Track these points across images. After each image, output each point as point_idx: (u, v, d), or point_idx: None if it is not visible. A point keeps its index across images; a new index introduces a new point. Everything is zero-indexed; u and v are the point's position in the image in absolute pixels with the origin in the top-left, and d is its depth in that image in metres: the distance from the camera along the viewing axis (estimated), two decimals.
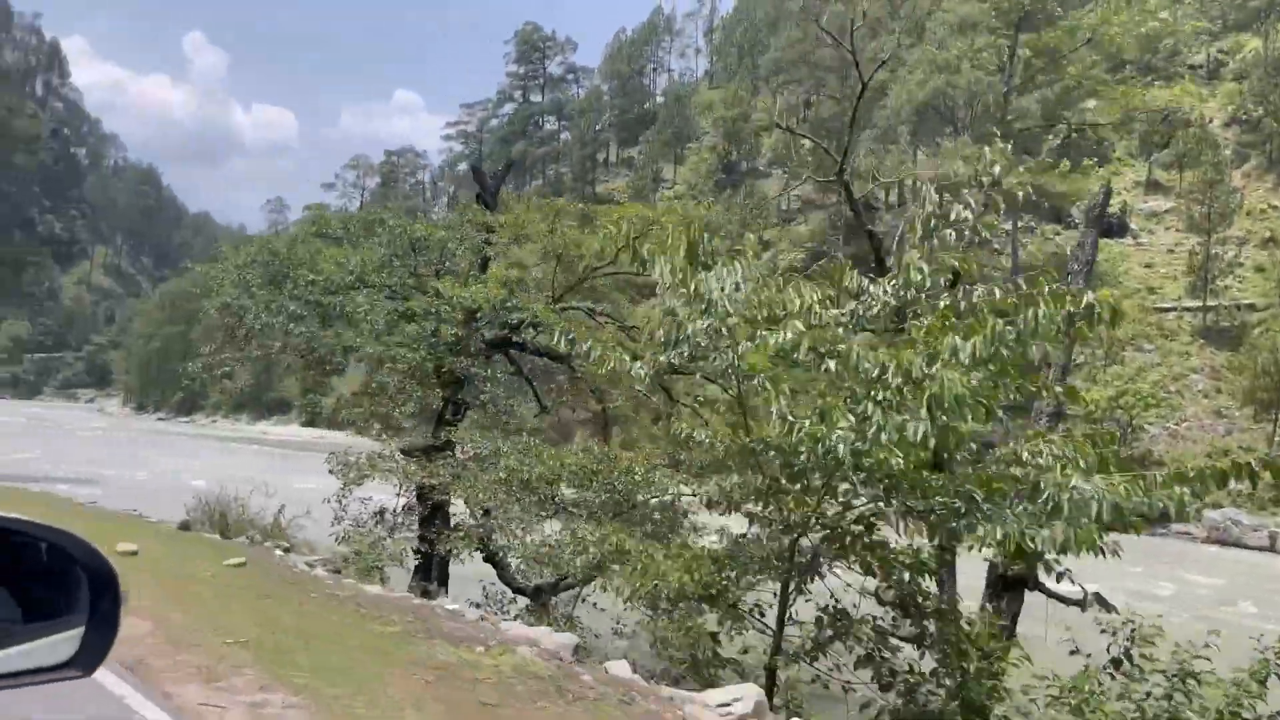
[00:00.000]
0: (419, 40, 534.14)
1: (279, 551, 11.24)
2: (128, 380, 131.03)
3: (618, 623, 10.78)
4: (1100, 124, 55.87)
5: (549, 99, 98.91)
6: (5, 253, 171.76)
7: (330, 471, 13.63)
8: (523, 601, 13.18)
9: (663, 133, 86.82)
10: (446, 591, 13.35)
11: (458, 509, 14.72)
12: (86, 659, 1.40)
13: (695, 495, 11.18)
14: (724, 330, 6.02)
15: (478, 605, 11.06)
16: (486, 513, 13.81)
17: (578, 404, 16.71)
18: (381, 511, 13.98)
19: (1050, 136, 59.21)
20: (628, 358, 6.88)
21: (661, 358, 6.53)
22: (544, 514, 11.31)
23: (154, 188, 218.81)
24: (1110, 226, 49.90)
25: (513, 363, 16.97)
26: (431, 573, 14.09)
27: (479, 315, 14.84)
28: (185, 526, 12.94)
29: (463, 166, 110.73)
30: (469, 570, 13.68)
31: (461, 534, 12.05)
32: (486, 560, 13.40)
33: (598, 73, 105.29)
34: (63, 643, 1.40)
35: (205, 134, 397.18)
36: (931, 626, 6.98)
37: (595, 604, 11.63)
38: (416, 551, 13.71)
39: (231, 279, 15.00)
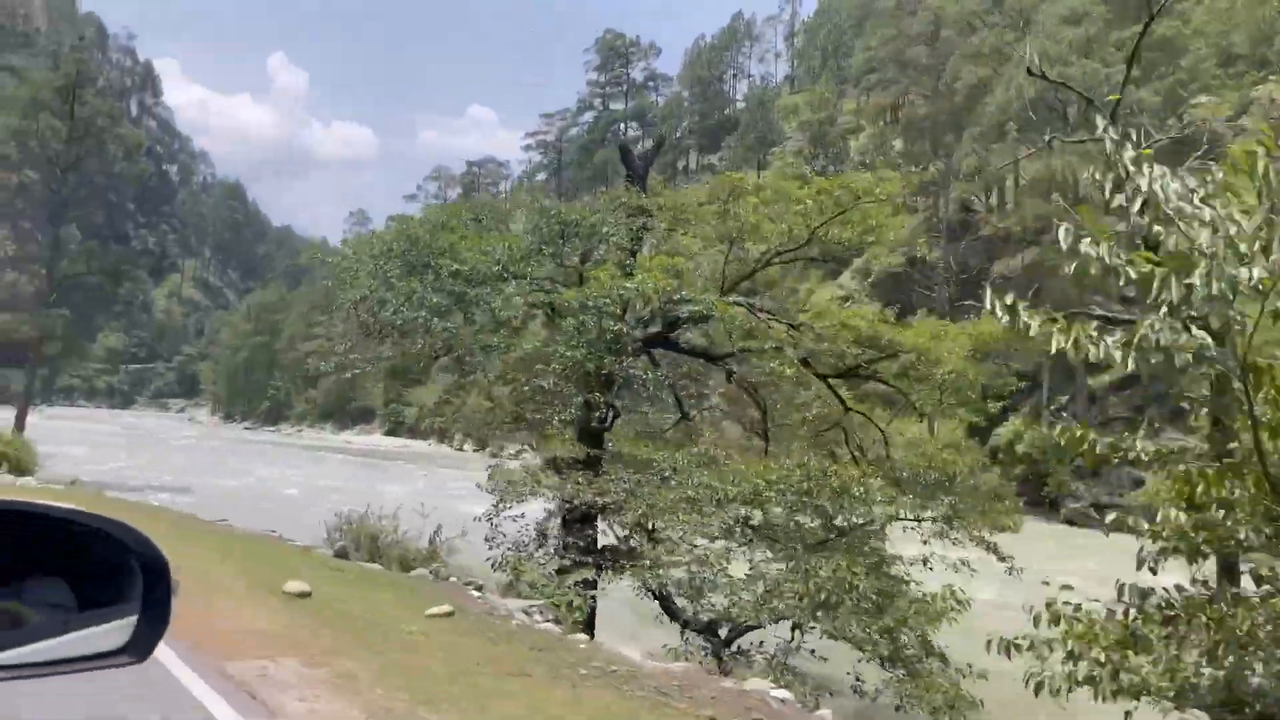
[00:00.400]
0: (493, 57, 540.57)
1: (473, 591, 9.67)
2: (216, 390, 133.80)
3: (857, 679, 8.86)
4: (1213, 120, 52.41)
5: (631, 106, 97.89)
6: (105, 265, 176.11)
7: (489, 490, 12.11)
8: (693, 639, 11.49)
9: (745, 138, 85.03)
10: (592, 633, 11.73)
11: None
12: (139, 647, 1.43)
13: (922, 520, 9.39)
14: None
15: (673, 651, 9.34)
16: (650, 534, 12.21)
17: (735, 411, 14.95)
18: (543, 534, 12.41)
19: (1161, 134, 55.83)
20: None
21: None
22: (742, 540, 9.61)
23: (240, 203, 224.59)
24: None
25: (655, 363, 15.34)
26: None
27: (629, 310, 13.22)
28: (342, 554, 11.54)
29: (541, 176, 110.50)
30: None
31: (647, 563, 10.34)
32: (649, 590, 11.76)
33: (677, 79, 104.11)
34: (117, 630, 1.43)
35: (286, 151, 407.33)
36: None
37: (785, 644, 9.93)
38: (581, 582, 12.16)
39: (368, 269, 13.65)
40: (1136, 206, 3.86)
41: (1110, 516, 4.86)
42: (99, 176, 44.86)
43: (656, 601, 12.04)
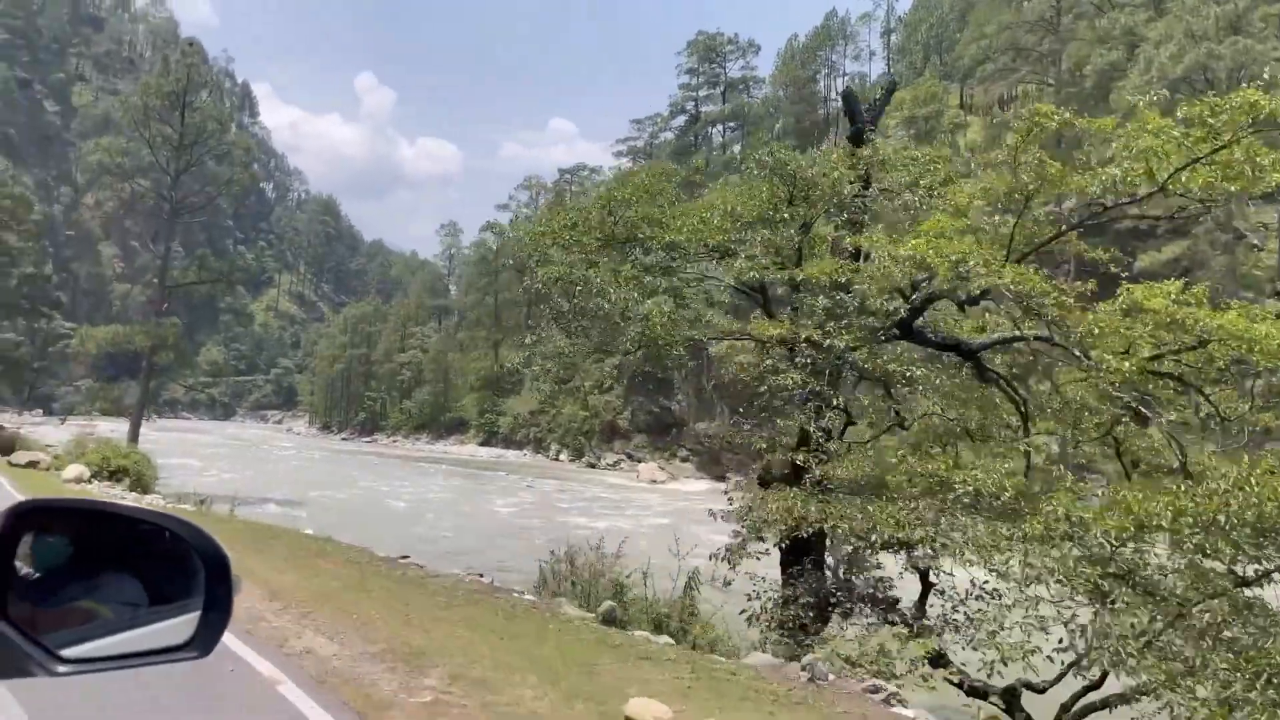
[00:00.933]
0: (573, 70, 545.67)
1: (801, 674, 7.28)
2: (312, 401, 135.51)
3: None
4: None
5: (726, 108, 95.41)
6: (214, 274, 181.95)
7: (739, 522, 9.85)
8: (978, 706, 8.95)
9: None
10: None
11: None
12: (204, 641, 1.49)
13: None
14: None
15: None
16: (924, 576, 9.73)
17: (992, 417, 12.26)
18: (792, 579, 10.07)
19: None
20: None
21: None
22: (1095, 590, 7.02)
23: (334, 218, 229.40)
24: None
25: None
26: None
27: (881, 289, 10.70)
28: (610, 619, 9.30)
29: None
30: None
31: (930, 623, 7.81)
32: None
33: (769, 80, 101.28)
34: (182, 625, 1.49)
35: (373, 168, 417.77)
36: None
37: None
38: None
39: (561, 242, 11.48)
40: None
41: None
42: (205, 188, 44.44)
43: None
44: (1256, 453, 8.60)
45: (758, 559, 10.76)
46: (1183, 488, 6.67)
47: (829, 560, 11.05)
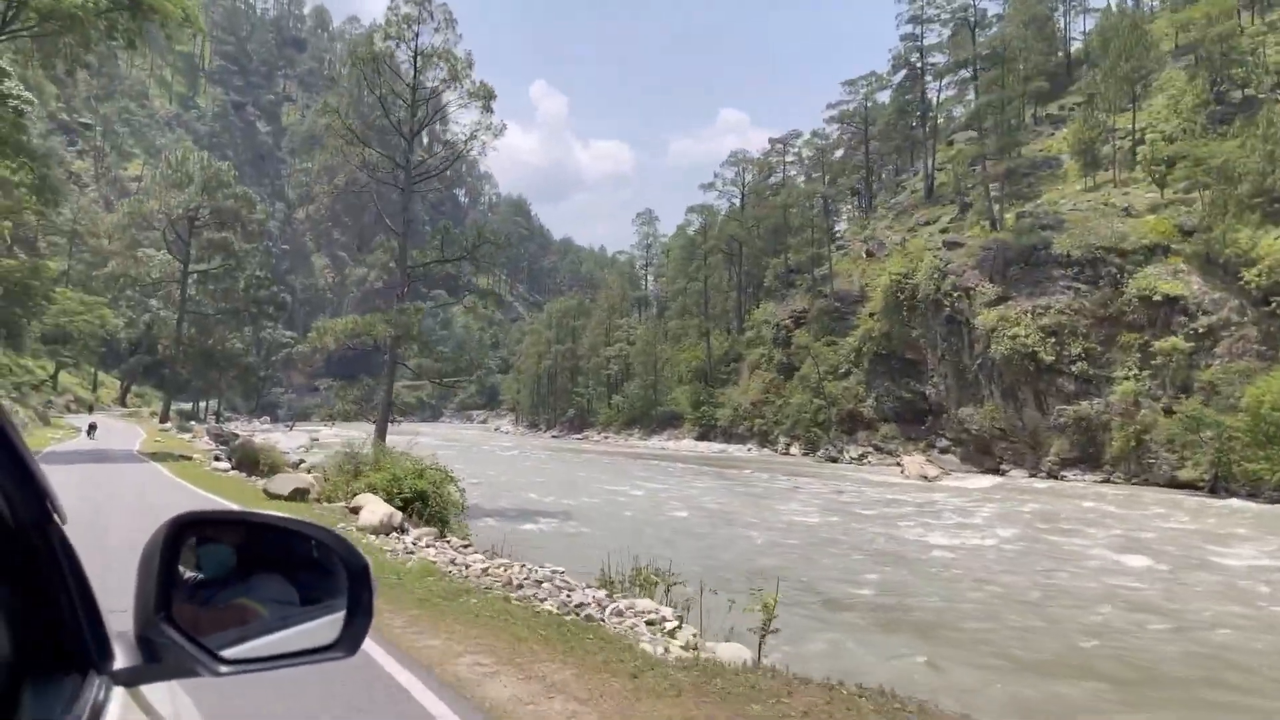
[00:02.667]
0: (742, 60, 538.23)
1: None
2: (518, 399, 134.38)
3: None
4: None
5: (947, 61, 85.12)
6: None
7: None
8: None
9: (1114, 70, 69.99)
10: None
11: None
12: (348, 642, 1.58)
13: None
14: None
15: None
16: None
17: None
18: None
19: None
20: None
21: None
22: None
23: (525, 218, 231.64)
24: None
25: None
26: None
27: None
28: None
29: (839, 154, 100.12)
30: None
31: None
32: None
33: (1002, 19, 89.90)
34: (328, 626, 1.58)
35: (551, 172, 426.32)
36: None
37: None
38: None
39: None
40: None
41: None
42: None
43: None
44: None
45: None
46: None
47: None
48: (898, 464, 59.73)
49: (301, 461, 29.95)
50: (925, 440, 60.79)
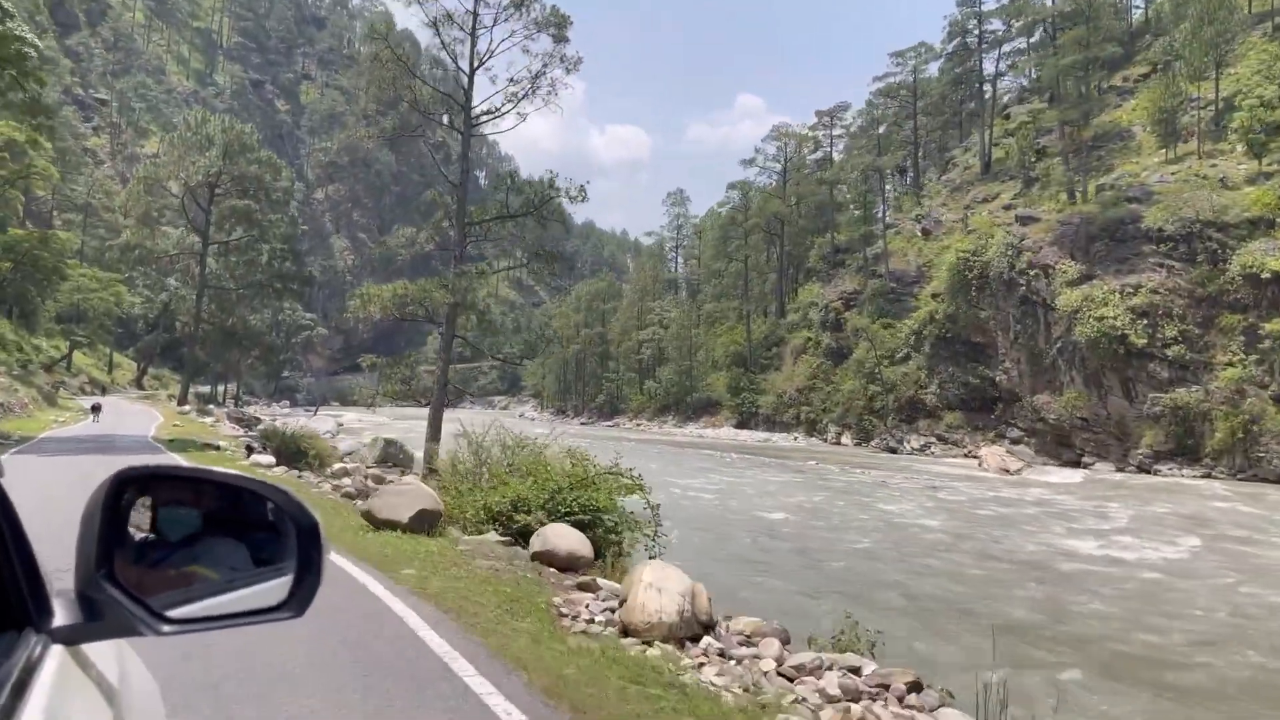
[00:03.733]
0: (757, 44, 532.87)
1: None
2: (544, 384, 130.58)
3: None
4: None
5: (1024, 22, 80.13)
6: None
7: None
8: None
9: (1195, 34, 65.16)
10: None
11: None
12: (298, 602, 1.54)
13: None
14: None
15: None
16: None
17: None
18: None
19: None
20: None
21: None
22: None
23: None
24: None
25: None
26: None
27: None
28: None
29: (881, 129, 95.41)
30: None
31: None
32: None
33: None
34: (278, 587, 1.54)
35: (567, 158, 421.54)
36: None
37: None
38: None
39: None
40: None
41: None
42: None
43: None
44: None
45: None
46: None
47: None
48: (967, 455, 55.65)
49: (350, 453, 26.11)
50: (994, 430, 56.62)
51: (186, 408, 45.76)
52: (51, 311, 67.41)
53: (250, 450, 22.23)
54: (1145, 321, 47.44)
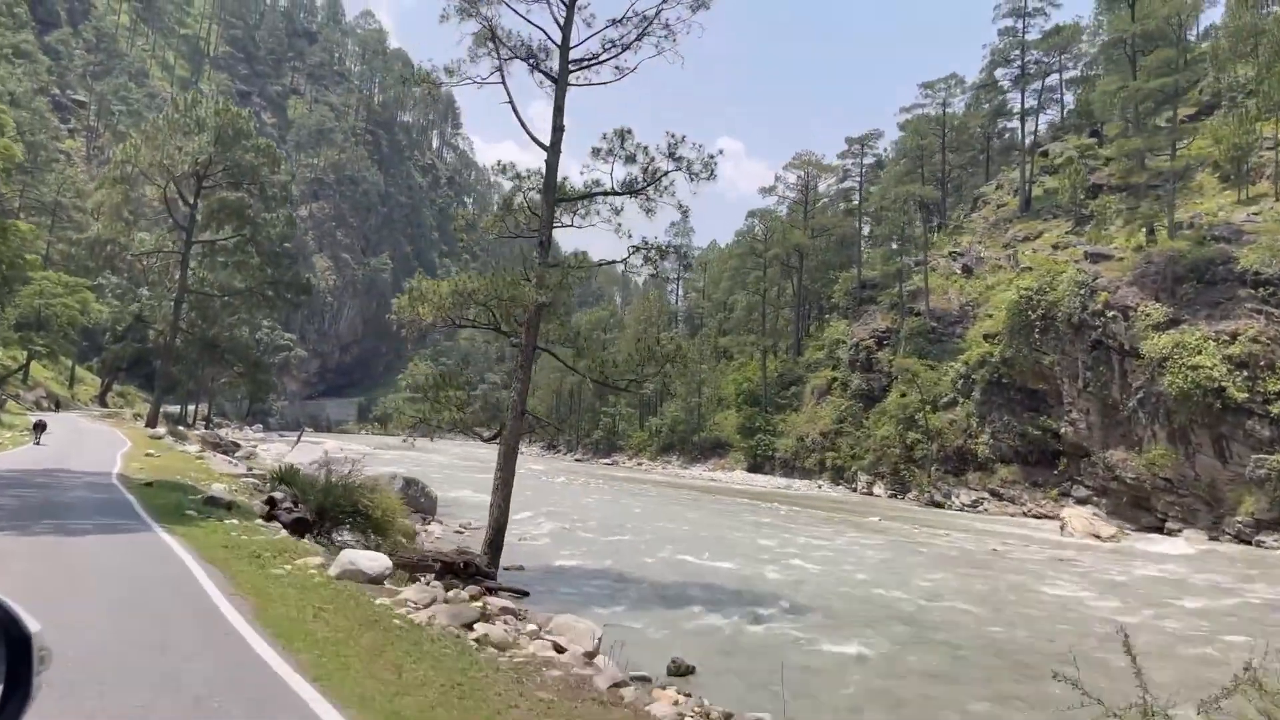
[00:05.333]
0: (735, 95, 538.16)
1: None
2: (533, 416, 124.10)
3: None
4: None
5: (1063, 59, 76.27)
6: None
7: None
8: None
9: (1271, 69, 60.99)
10: None
11: None
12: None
13: None
14: None
15: None
16: None
17: None
18: None
19: None
20: None
21: None
22: None
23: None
24: None
25: None
26: None
27: None
28: None
29: (900, 164, 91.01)
30: None
31: None
32: None
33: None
34: None
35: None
36: None
37: None
38: None
39: None
40: None
41: None
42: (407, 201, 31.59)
43: None
44: None
45: None
46: None
47: None
48: (1026, 513, 50.27)
49: (462, 529, 19.66)
50: (1057, 487, 51.28)
51: (161, 430, 39.28)
52: (10, 318, 60.64)
53: (272, 506, 15.55)
54: (1244, 373, 42.43)
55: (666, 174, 20.21)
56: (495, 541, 18.67)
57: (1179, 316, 45.86)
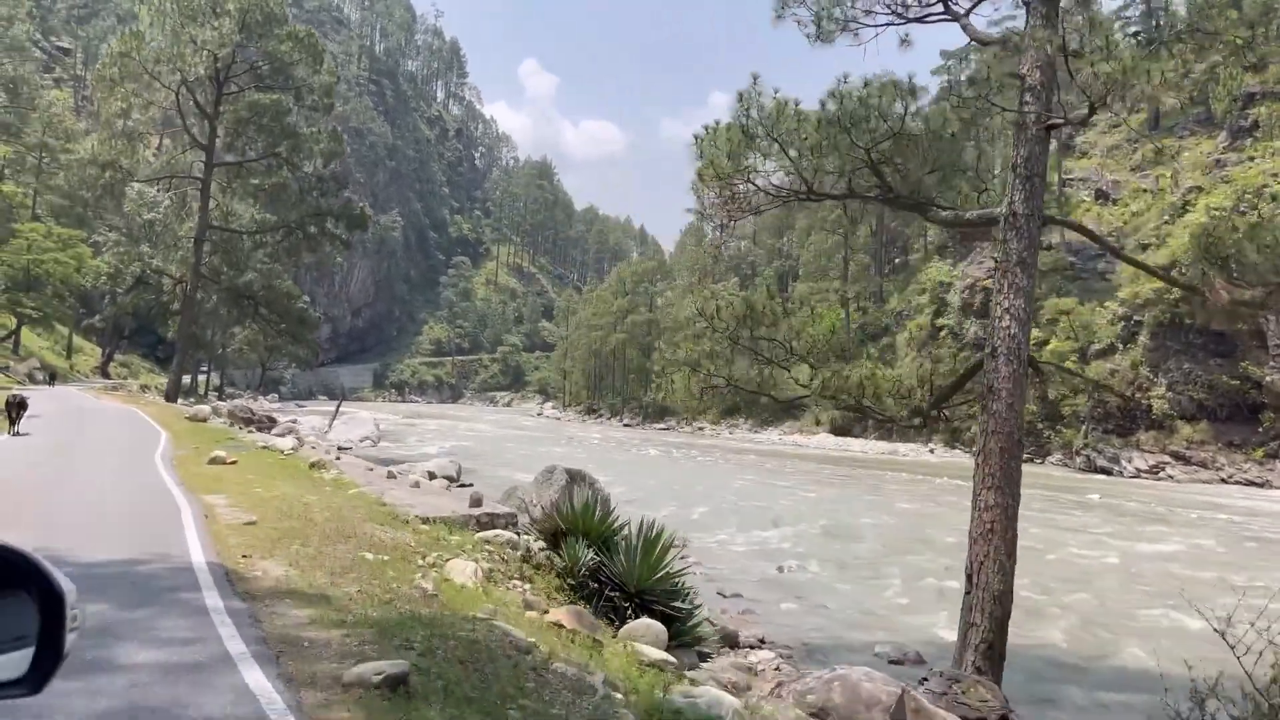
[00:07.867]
0: (730, 43, 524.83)
1: None
2: (568, 380, 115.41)
3: None
4: None
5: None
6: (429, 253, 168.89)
7: None
8: None
9: None
10: None
11: None
12: (35, 678, 1.42)
13: None
14: None
15: None
16: None
17: None
18: None
19: None
20: None
21: None
22: None
23: (548, 181, 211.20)
24: None
25: None
26: None
27: None
28: None
29: None
30: None
31: None
32: None
33: None
34: (18, 660, 1.43)
35: (540, 153, 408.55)
36: None
37: None
38: None
39: None
40: None
41: None
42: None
43: None
44: None
45: None
46: None
47: None
48: (1226, 480, 41.63)
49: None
50: (1262, 447, 42.55)
51: (205, 409, 29.75)
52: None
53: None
54: None
55: None
56: (997, 645, 9.32)
57: None
